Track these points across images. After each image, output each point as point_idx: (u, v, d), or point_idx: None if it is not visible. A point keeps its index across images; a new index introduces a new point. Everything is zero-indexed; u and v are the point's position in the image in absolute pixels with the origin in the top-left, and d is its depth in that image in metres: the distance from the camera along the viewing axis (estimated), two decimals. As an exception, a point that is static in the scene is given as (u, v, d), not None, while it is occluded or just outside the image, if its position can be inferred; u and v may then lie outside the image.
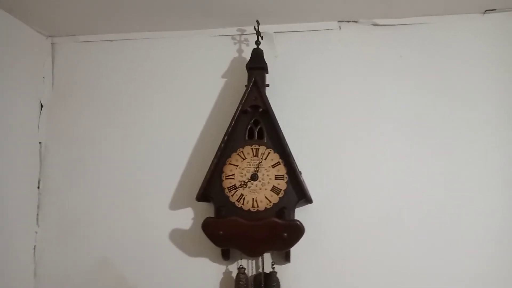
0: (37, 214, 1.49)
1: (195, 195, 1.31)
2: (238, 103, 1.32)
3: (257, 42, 1.39)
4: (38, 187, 1.51)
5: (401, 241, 1.32)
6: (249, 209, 1.28)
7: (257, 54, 1.38)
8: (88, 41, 1.57)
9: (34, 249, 1.47)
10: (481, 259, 1.29)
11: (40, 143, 1.53)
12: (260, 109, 1.32)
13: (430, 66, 1.40)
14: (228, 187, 1.30)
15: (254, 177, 1.29)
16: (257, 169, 1.30)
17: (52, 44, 1.59)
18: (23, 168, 1.46)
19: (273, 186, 1.28)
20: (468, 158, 1.34)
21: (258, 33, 1.40)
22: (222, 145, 1.31)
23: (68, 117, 1.54)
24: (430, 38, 1.41)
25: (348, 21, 1.46)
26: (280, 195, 1.28)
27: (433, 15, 1.41)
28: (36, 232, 1.48)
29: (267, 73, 1.39)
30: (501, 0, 1.33)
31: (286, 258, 1.31)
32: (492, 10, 1.38)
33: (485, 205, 1.31)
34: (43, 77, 1.56)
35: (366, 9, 1.38)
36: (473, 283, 1.28)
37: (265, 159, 1.30)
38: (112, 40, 1.56)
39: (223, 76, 1.48)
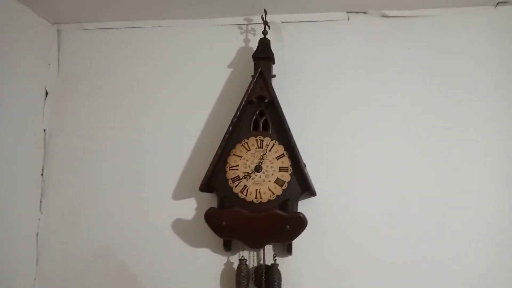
0: (40, 201, 1.50)
1: (198, 186, 1.30)
2: (243, 94, 1.31)
3: (264, 32, 1.37)
4: (42, 175, 1.51)
5: (404, 236, 1.31)
6: (252, 201, 1.27)
7: (264, 44, 1.36)
8: (93, 29, 1.57)
9: (37, 235, 1.48)
10: (487, 256, 1.27)
11: (44, 130, 1.53)
12: (266, 100, 1.31)
13: (439, 59, 1.38)
14: (231, 178, 1.29)
15: (258, 169, 1.28)
16: (261, 160, 1.29)
17: (58, 31, 1.58)
18: (27, 155, 1.46)
19: (277, 178, 1.27)
20: (476, 153, 1.32)
21: (265, 23, 1.38)
22: (227, 135, 1.30)
23: (73, 105, 1.54)
24: (440, 31, 1.39)
25: (357, 12, 1.44)
26: (284, 187, 1.27)
27: (443, 7, 1.38)
28: (39, 219, 1.49)
29: (274, 63, 1.37)
30: (514, -8, 1.31)
31: (288, 251, 1.30)
32: (505, 2, 1.35)
33: (492, 202, 1.29)
34: (49, 64, 1.55)
35: (375, 0, 1.36)
36: (477, 279, 1.27)
37: (270, 150, 1.29)
38: (117, 28, 1.55)
39: (229, 66, 1.47)
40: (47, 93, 1.54)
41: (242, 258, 1.31)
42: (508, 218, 1.28)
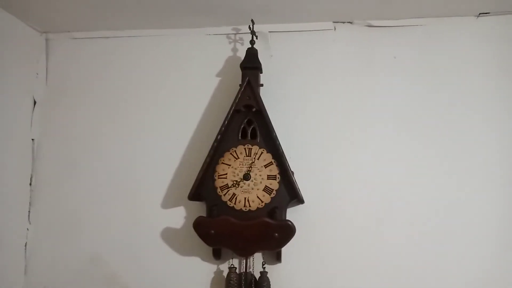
0: (29, 211, 1.49)
1: (187, 194, 1.31)
2: (231, 103, 1.32)
3: (252, 42, 1.39)
4: (30, 184, 1.50)
5: (392, 241, 1.32)
6: (241, 209, 1.28)
7: (251, 54, 1.38)
8: (82, 38, 1.57)
9: (25, 246, 1.47)
10: (475, 259, 1.29)
11: (32, 139, 1.52)
12: (254, 109, 1.32)
13: (424, 68, 1.40)
14: (220, 187, 1.30)
15: (246, 177, 1.29)
16: (250, 168, 1.30)
17: (47, 40, 1.58)
18: (15, 165, 1.46)
19: (265, 186, 1.29)
20: (459, 158, 1.35)
21: (253, 33, 1.40)
22: (215, 144, 1.31)
23: (62, 114, 1.54)
24: (424, 40, 1.42)
25: (343, 22, 1.46)
26: (272, 195, 1.28)
27: (427, 17, 1.41)
28: (27, 229, 1.48)
29: (261, 72, 1.39)
30: (495, 3, 1.34)
31: (277, 258, 1.31)
32: (486, 13, 1.38)
33: (478, 204, 1.32)
34: (37, 74, 1.55)
35: (361, 10, 1.39)
36: (466, 283, 1.29)
37: (258, 159, 1.31)
38: (107, 37, 1.55)
39: (217, 75, 1.48)
40: (35, 102, 1.54)
41: (232, 266, 1.31)
42: (507, 218, 1.30)
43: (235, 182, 1.29)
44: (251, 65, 1.36)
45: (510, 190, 1.31)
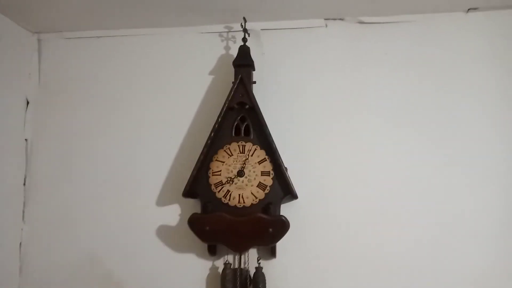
0: (23, 211, 1.49)
1: (181, 192, 1.31)
2: (225, 100, 1.33)
3: (244, 39, 1.40)
4: (24, 184, 1.50)
5: (386, 236, 1.34)
6: (235, 205, 1.29)
7: (244, 51, 1.39)
8: (74, 38, 1.57)
9: (20, 246, 1.46)
10: (470, 256, 1.30)
11: (26, 139, 1.52)
12: (247, 106, 1.33)
13: (415, 63, 1.42)
14: (214, 183, 1.30)
15: (240, 174, 1.30)
16: (244, 165, 1.31)
17: (39, 40, 1.58)
18: (9, 165, 1.45)
19: (259, 182, 1.29)
20: (452, 151, 1.36)
21: (245, 30, 1.41)
22: (209, 141, 1.31)
23: (55, 114, 1.54)
24: (415, 36, 1.43)
25: (335, 19, 1.47)
26: (266, 191, 1.29)
27: (418, 13, 1.42)
28: (22, 229, 1.48)
29: (254, 70, 1.40)
30: (483, -1, 1.36)
31: (272, 253, 1.32)
32: (475, 8, 1.40)
33: (471, 201, 1.33)
34: (29, 74, 1.55)
35: (352, 7, 1.40)
36: (462, 279, 1.30)
37: (252, 155, 1.31)
38: (99, 37, 1.55)
39: (210, 73, 1.49)
40: (28, 102, 1.54)
41: (227, 262, 1.32)
42: (507, 215, 1.31)
43: (229, 179, 1.30)
44: (243, 63, 1.37)
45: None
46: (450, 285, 1.29)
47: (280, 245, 1.30)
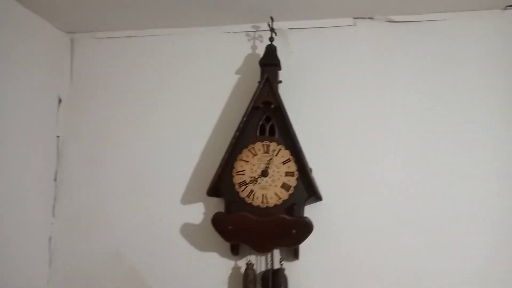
0: (53, 206, 1.53)
1: (206, 190, 1.32)
2: (250, 99, 1.32)
3: (271, 39, 1.39)
4: (55, 180, 1.54)
5: (411, 239, 1.30)
6: (258, 205, 1.28)
7: (270, 51, 1.38)
8: (105, 38, 1.60)
9: (50, 240, 1.51)
10: (498, 258, 1.26)
11: (58, 136, 1.57)
12: (272, 106, 1.32)
13: (447, 63, 1.37)
14: (238, 183, 1.30)
15: (264, 173, 1.29)
16: (268, 165, 1.30)
17: (71, 40, 1.62)
18: (41, 161, 1.50)
19: (283, 182, 1.28)
20: (484, 157, 1.31)
21: (272, 30, 1.40)
22: (234, 141, 1.31)
23: (86, 112, 1.58)
24: (447, 35, 1.38)
25: (364, 18, 1.44)
26: (290, 192, 1.27)
27: (450, 11, 1.37)
28: (52, 223, 1.52)
29: (280, 69, 1.39)
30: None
31: (295, 255, 1.31)
32: (512, 6, 1.34)
33: (498, 205, 1.28)
34: (62, 73, 1.59)
35: (381, 5, 1.37)
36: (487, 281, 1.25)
37: (276, 155, 1.30)
38: (128, 37, 1.58)
39: (236, 73, 1.49)
40: (60, 100, 1.58)
41: (249, 262, 1.31)
42: None
43: (253, 179, 1.29)
44: (270, 62, 1.36)
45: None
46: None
47: (303, 246, 1.28)
